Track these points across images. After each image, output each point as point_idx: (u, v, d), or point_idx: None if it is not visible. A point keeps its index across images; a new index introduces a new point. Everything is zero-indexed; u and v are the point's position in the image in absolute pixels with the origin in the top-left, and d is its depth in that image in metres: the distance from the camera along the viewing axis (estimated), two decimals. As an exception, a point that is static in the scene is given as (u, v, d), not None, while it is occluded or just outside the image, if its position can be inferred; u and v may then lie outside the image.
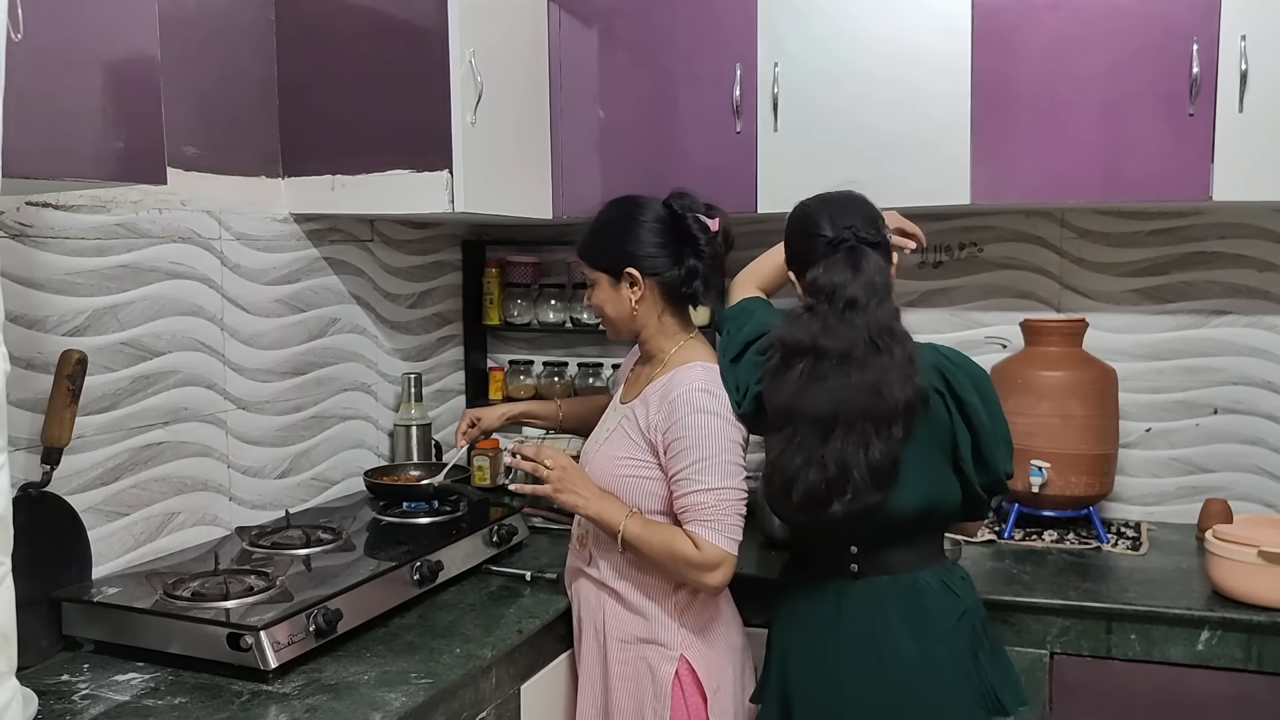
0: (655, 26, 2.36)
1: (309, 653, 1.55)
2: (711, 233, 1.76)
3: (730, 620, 1.81)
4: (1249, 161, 1.99)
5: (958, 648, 1.59)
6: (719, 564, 1.64)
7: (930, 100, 2.16)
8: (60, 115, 1.24)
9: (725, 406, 1.67)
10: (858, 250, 1.61)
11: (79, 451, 1.70)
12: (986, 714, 1.59)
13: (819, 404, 1.53)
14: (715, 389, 1.68)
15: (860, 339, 1.53)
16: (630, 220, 1.77)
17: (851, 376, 1.52)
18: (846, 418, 1.51)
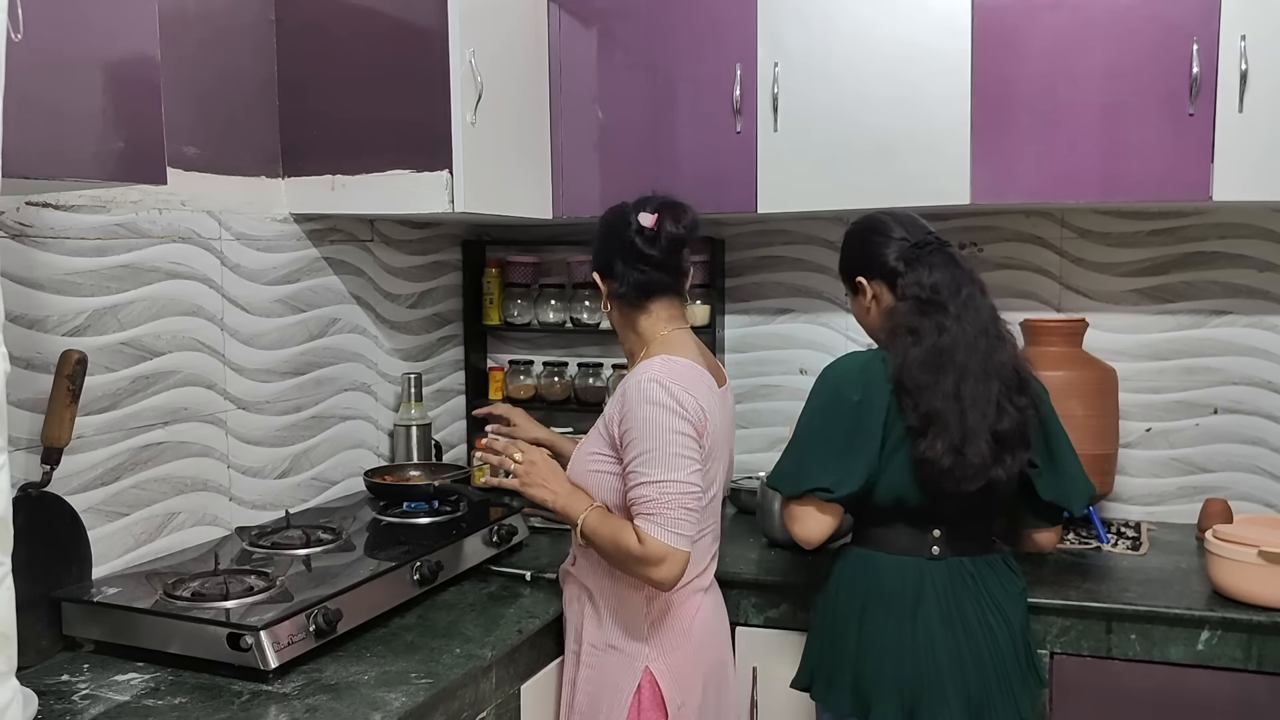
0: (655, 27, 2.36)
1: (309, 653, 1.55)
2: (645, 230, 1.73)
3: (710, 630, 1.77)
4: (1249, 161, 2.00)
5: (1023, 621, 1.73)
6: (662, 559, 1.58)
7: (930, 100, 2.16)
8: (60, 115, 1.24)
9: (675, 399, 1.61)
10: (947, 249, 1.75)
11: (79, 451, 1.70)
12: (1036, 683, 1.75)
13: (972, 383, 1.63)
14: (668, 381, 1.62)
15: (989, 324, 1.69)
16: (601, 226, 1.83)
17: (993, 356, 1.66)
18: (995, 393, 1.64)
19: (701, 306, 2.63)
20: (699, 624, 1.75)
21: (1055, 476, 1.73)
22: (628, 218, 1.75)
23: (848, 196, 2.24)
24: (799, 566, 2.08)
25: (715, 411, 1.69)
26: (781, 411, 2.68)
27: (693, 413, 1.62)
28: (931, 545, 1.69)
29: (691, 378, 1.66)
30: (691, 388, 1.64)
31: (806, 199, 2.27)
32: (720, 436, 1.73)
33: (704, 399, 1.66)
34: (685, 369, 1.67)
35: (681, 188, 2.35)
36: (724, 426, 1.76)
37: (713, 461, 1.71)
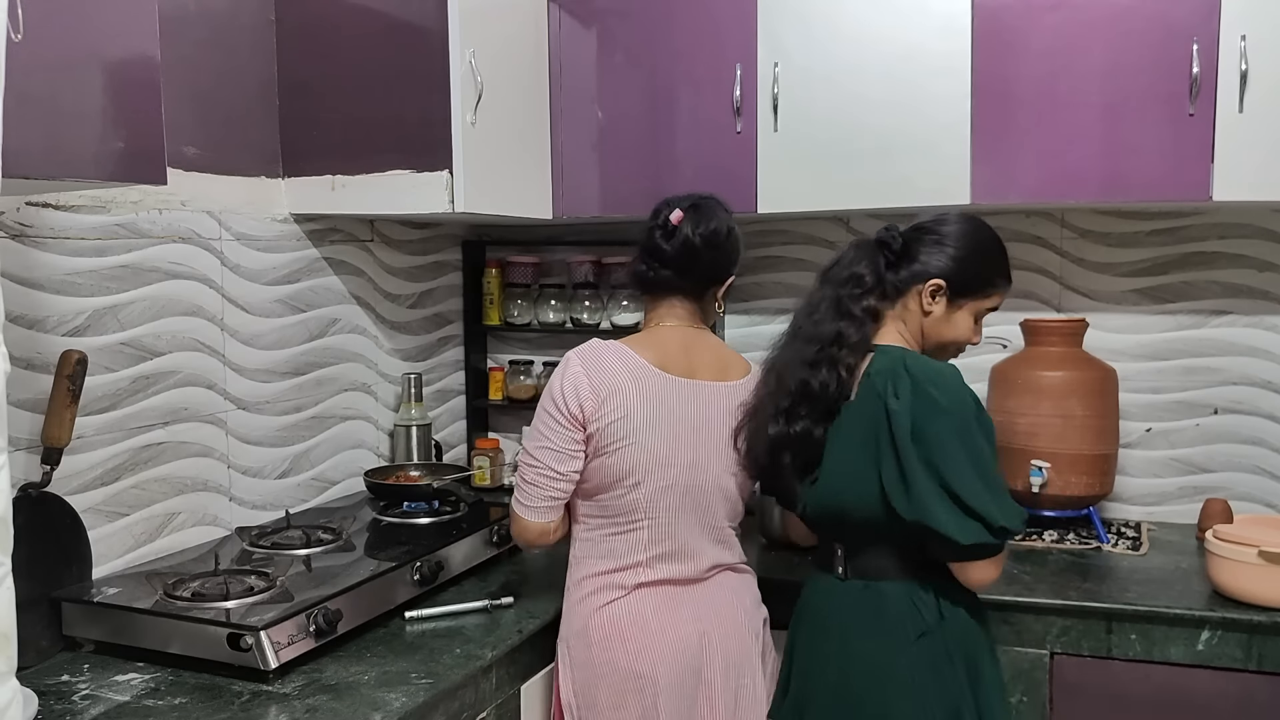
0: (655, 27, 2.36)
1: (309, 653, 1.55)
2: (666, 225, 1.74)
3: (622, 635, 1.66)
4: (1249, 161, 2.00)
5: (916, 664, 1.55)
6: (512, 520, 1.73)
7: (930, 100, 2.16)
8: (60, 115, 1.24)
9: (560, 377, 1.67)
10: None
11: (79, 452, 1.70)
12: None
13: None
14: (574, 358, 1.69)
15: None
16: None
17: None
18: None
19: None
20: (602, 622, 1.66)
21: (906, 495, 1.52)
22: (656, 210, 1.78)
23: (848, 196, 2.24)
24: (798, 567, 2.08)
25: (628, 393, 1.65)
26: (781, 411, 2.68)
27: (567, 393, 1.65)
28: (837, 565, 1.64)
29: (606, 359, 1.67)
30: (595, 367, 1.66)
31: (806, 199, 2.27)
32: (646, 417, 1.65)
33: (604, 380, 1.65)
34: (605, 350, 1.69)
35: (681, 188, 2.36)
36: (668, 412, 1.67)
37: (627, 448, 1.64)
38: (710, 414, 1.72)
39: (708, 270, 1.77)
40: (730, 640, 1.72)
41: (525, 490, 1.70)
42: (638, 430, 1.65)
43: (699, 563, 1.72)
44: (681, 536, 1.70)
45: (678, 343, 1.75)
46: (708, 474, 1.71)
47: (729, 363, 1.80)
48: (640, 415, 1.66)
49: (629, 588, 1.68)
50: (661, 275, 1.76)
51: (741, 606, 1.77)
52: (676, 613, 1.69)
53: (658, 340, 1.75)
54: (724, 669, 1.70)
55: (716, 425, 1.73)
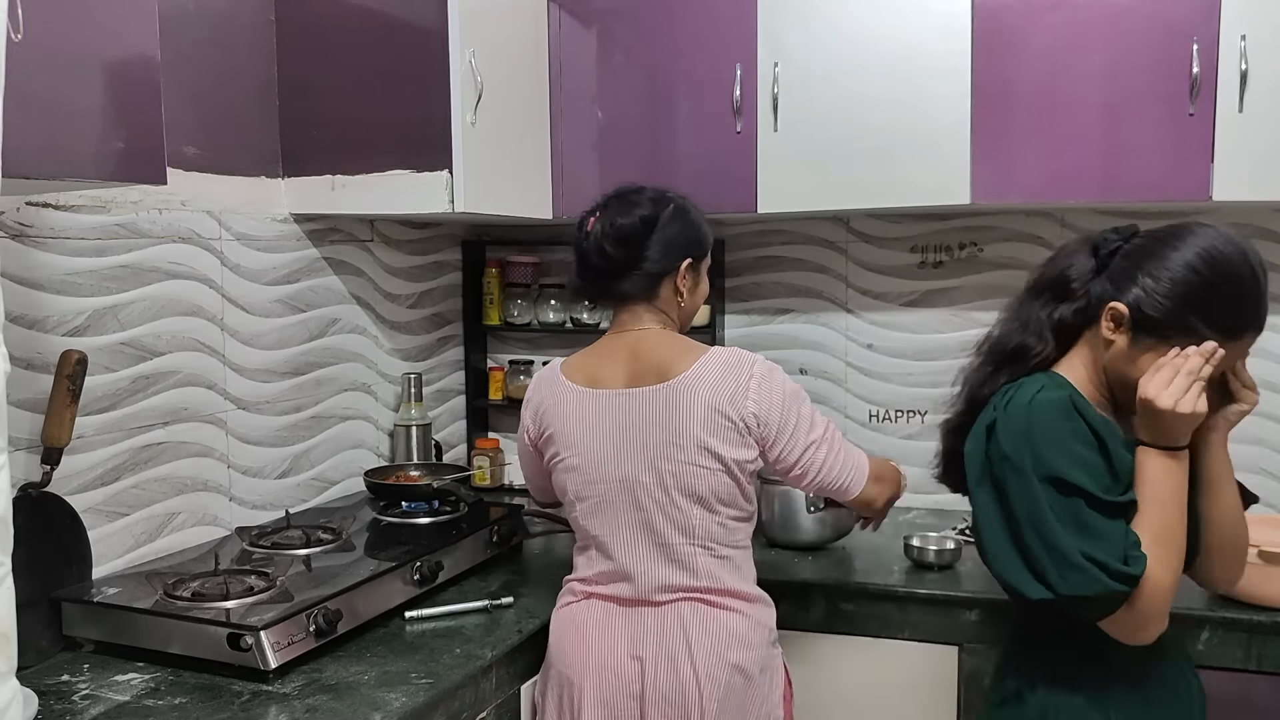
0: (655, 27, 2.36)
1: (309, 653, 1.55)
2: (582, 230, 1.73)
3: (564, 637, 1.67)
4: (1249, 161, 2.00)
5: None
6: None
7: (930, 100, 2.16)
8: (60, 115, 1.24)
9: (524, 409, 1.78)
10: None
11: (79, 452, 1.70)
12: None
13: None
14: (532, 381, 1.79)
15: None
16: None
17: None
18: None
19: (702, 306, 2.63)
20: (555, 622, 1.71)
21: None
22: (582, 217, 1.76)
23: (848, 196, 2.24)
24: (800, 566, 2.08)
25: (550, 414, 1.69)
26: (781, 411, 2.68)
27: (525, 415, 1.78)
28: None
29: (541, 382, 1.75)
30: (535, 387, 1.76)
31: (806, 199, 2.27)
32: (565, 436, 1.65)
33: (541, 399, 1.73)
34: (547, 373, 1.76)
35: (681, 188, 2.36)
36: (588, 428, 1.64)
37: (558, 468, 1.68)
38: (643, 423, 1.61)
39: (644, 264, 1.66)
40: (670, 676, 1.58)
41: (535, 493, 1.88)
42: (562, 450, 1.68)
43: (643, 584, 1.62)
44: (620, 556, 1.63)
45: (619, 351, 1.67)
46: (643, 488, 1.60)
47: (675, 360, 1.63)
48: (563, 435, 1.67)
49: (580, 595, 1.70)
50: (592, 283, 1.72)
51: (696, 642, 1.58)
52: (613, 631, 1.64)
53: (593, 353, 1.72)
54: (663, 706, 1.57)
55: (650, 434, 1.60)
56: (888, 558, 2.13)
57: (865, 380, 2.63)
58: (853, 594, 2.00)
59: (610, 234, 1.67)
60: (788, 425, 1.60)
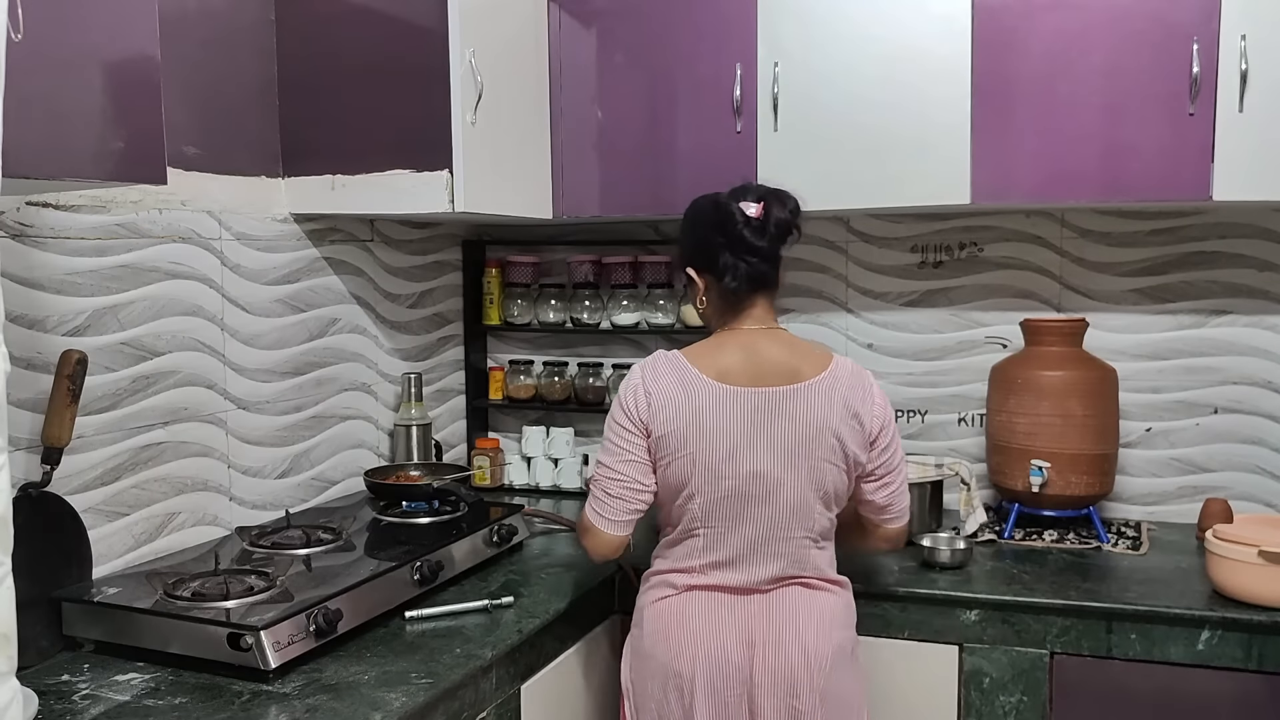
0: (655, 27, 2.36)
1: (309, 653, 1.55)
2: (750, 219, 1.67)
3: (667, 631, 1.67)
4: (1249, 161, 2.00)
5: None
6: (585, 530, 1.72)
7: (930, 100, 2.16)
8: (60, 115, 1.24)
9: (627, 387, 1.69)
10: None
11: (79, 451, 1.70)
12: None
13: None
14: (636, 370, 1.70)
15: None
16: (686, 220, 1.79)
17: None
18: None
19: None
20: (655, 613, 1.70)
21: None
22: (729, 209, 1.68)
23: (848, 196, 2.24)
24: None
25: (679, 405, 1.63)
26: (781, 411, 2.68)
27: (632, 401, 1.67)
28: None
29: (661, 370, 1.68)
30: (653, 379, 1.68)
31: (806, 199, 2.25)
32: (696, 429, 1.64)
33: (663, 389, 1.65)
34: (662, 361, 1.69)
35: (681, 188, 2.37)
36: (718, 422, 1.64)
37: (678, 460, 1.64)
38: (776, 421, 1.65)
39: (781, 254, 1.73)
40: (780, 658, 1.64)
41: (609, 504, 1.68)
42: (687, 443, 1.63)
43: (756, 574, 1.67)
44: (737, 546, 1.66)
45: (744, 348, 1.69)
46: (772, 484, 1.64)
47: (801, 362, 1.69)
48: (690, 427, 1.63)
49: (680, 588, 1.69)
50: (763, 270, 1.69)
51: (805, 624, 1.66)
52: (723, 620, 1.67)
53: (720, 348, 1.70)
54: (772, 688, 1.63)
55: (784, 432, 1.64)
56: (888, 558, 2.14)
57: (865, 380, 2.62)
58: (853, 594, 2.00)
59: (789, 220, 1.70)
60: (891, 434, 1.74)
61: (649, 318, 2.69)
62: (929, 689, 1.97)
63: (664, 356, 1.70)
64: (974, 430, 2.54)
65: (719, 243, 1.69)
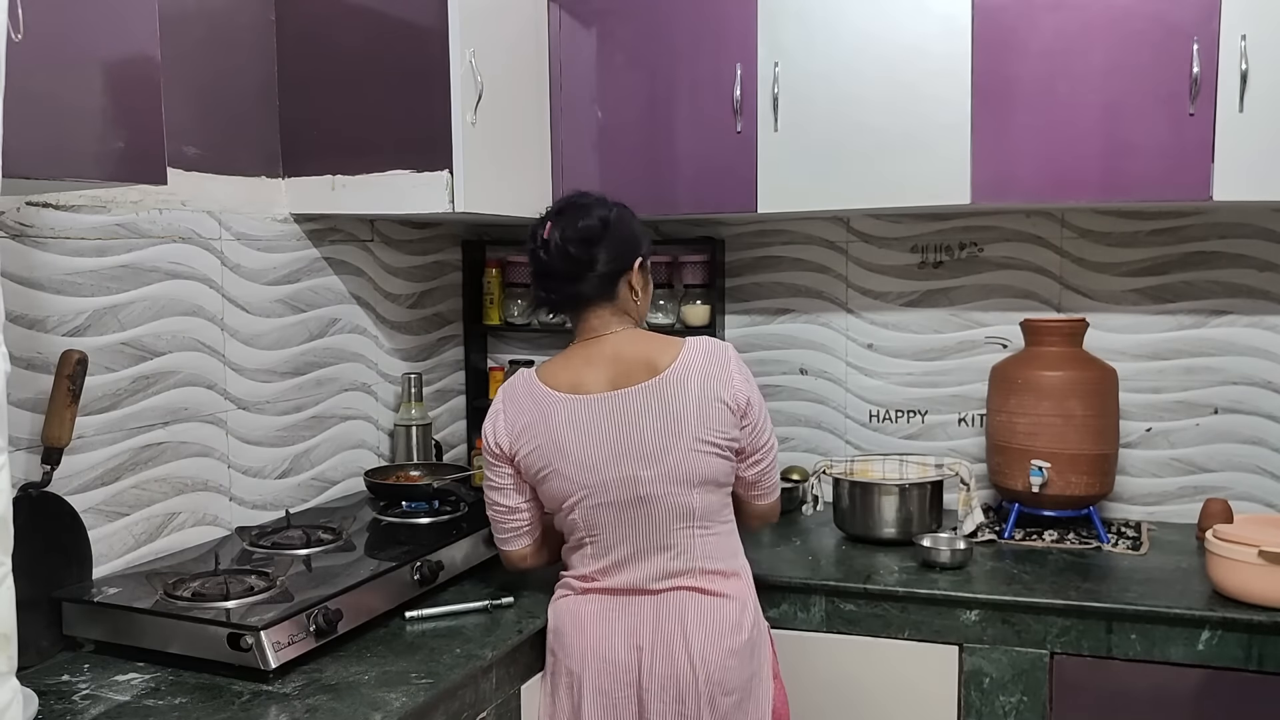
0: (655, 27, 2.36)
1: (309, 653, 1.55)
2: (540, 239, 1.73)
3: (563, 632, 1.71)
4: (1249, 161, 2.00)
5: None
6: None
7: (930, 100, 2.16)
8: (60, 115, 1.24)
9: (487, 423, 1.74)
10: None
11: (79, 451, 1.70)
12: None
13: None
14: (495, 402, 1.75)
15: None
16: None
17: None
18: None
19: (701, 306, 2.63)
20: (555, 614, 1.75)
21: None
22: (534, 228, 1.75)
23: (848, 196, 2.24)
24: (800, 566, 2.08)
25: (535, 426, 1.67)
26: (782, 411, 2.68)
27: (491, 430, 1.73)
28: None
29: (518, 393, 1.73)
30: (511, 406, 1.72)
31: (806, 199, 2.27)
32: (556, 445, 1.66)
33: (520, 412, 1.70)
34: (519, 385, 1.74)
35: (681, 188, 2.37)
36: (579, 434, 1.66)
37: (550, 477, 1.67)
38: (638, 421, 1.65)
39: (600, 267, 1.70)
40: (667, 663, 1.65)
41: (494, 528, 1.81)
42: (552, 460, 1.67)
43: (643, 572, 1.68)
44: (623, 550, 1.68)
45: (598, 356, 1.71)
46: (645, 485, 1.64)
47: (657, 355, 1.69)
48: (551, 445, 1.67)
49: (578, 590, 1.74)
50: (556, 289, 1.73)
51: (692, 630, 1.65)
52: (612, 624, 1.69)
53: (569, 360, 1.74)
54: (660, 691, 1.64)
55: (648, 430, 1.64)
56: (888, 558, 2.14)
57: (865, 380, 2.63)
58: (853, 594, 2.00)
59: (573, 236, 1.71)
60: (757, 411, 1.73)
61: (649, 318, 2.69)
62: (929, 689, 1.97)
63: (520, 379, 1.75)
64: (974, 430, 2.54)
65: (530, 269, 1.77)
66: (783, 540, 2.29)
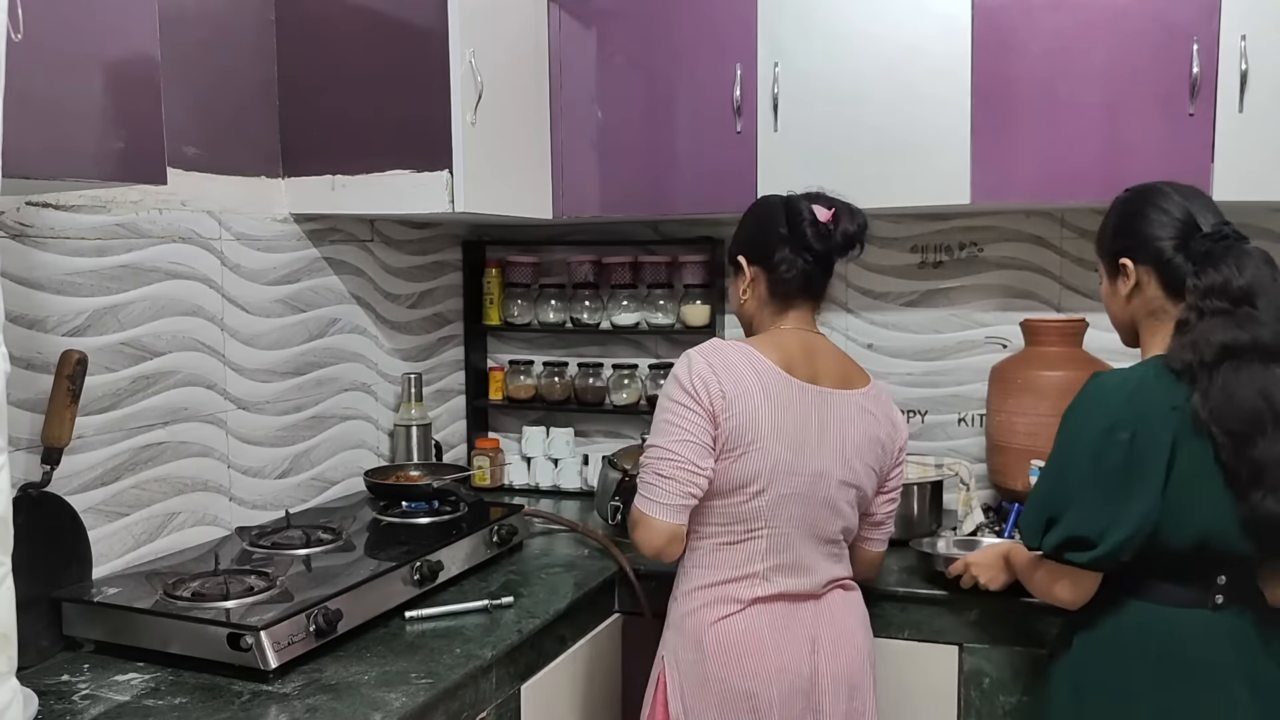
0: (655, 27, 2.36)
1: (309, 653, 1.55)
2: (818, 221, 1.67)
3: (737, 652, 1.60)
4: (1249, 161, 2.00)
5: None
6: (636, 522, 1.61)
7: (930, 100, 2.16)
8: (60, 115, 1.24)
9: (690, 369, 1.59)
10: (1257, 250, 1.46)
11: (79, 451, 1.70)
12: None
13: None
14: (696, 354, 1.61)
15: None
16: (750, 213, 1.79)
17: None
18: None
19: (701, 306, 2.63)
20: (718, 637, 1.61)
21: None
22: (797, 206, 1.69)
23: (848, 196, 2.22)
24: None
25: (755, 396, 1.57)
26: (781, 411, 2.68)
27: (700, 384, 1.57)
28: (1215, 594, 1.45)
29: (730, 357, 1.60)
30: (722, 366, 1.58)
31: (806, 199, 2.27)
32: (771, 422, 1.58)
33: (736, 377, 1.57)
34: (729, 349, 1.62)
35: (681, 188, 2.37)
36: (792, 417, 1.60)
37: (752, 453, 1.57)
38: (835, 422, 1.65)
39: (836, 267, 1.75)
40: (841, 660, 1.66)
41: (660, 487, 1.56)
42: (764, 435, 1.57)
43: (815, 577, 1.66)
44: (799, 549, 1.64)
45: (801, 347, 1.68)
46: (829, 485, 1.64)
47: (850, 371, 1.74)
48: (767, 420, 1.58)
49: (745, 602, 1.62)
50: (819, 278, 1.70)
51: (854, 625, 1.71)
52: (791, 631, 1.63)
53: (780, 343, 1.66)
54: (833, 689, 1.64)
55: (840, 435, 1.65)
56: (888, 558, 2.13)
57: (865, 380, 2.62)
58: (853, 594, 2.00)
59: (856, 234, 1.69)
60: (904, 457, 1.79)
61: (649, 318, 2.69)
62: (929, 689, 1.97)
63: (728, 343, 1.63)
64: (974, 430, 2.54)
65: (780, 235, 1.68)
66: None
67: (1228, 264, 1.43)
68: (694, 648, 1.63)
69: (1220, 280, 1.42)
